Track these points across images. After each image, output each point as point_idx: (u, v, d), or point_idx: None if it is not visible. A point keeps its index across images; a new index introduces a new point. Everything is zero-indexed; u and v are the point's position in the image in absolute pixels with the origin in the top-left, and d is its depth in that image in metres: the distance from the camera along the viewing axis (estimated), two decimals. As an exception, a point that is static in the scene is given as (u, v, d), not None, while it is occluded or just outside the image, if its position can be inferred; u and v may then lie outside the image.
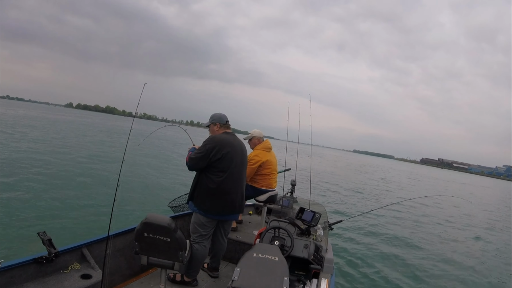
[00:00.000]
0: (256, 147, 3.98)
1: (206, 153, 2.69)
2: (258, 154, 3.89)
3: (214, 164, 2.70)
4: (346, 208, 11.51)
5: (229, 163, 2.74)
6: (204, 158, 2.69)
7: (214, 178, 2.71)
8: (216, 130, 2.91)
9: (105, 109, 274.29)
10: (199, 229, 2.78)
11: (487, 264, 7.19)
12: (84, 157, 13.73)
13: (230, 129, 3.00)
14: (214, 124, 2.92)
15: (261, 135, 4.05)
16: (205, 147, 2.71)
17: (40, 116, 44.23)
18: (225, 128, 2.94)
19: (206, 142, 2.76)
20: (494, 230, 11.47)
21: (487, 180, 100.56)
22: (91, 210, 6.63)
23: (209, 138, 2.79)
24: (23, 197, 6.82)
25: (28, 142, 15.02)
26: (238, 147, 2.88)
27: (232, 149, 2.78)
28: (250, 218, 4.58)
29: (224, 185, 2.73)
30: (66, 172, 10.26)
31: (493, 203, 23.21)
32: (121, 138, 25.51)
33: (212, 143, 2.73)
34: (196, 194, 2.77)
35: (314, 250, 2.78)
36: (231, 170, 2.76)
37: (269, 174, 3.98)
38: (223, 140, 2.77)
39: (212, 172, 2.72)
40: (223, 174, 2.72)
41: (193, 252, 2.74)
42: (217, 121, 2.92)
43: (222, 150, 2.71)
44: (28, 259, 2.24)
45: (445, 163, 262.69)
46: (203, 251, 2.79)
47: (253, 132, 4.03)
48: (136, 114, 2.83)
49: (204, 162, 2.69)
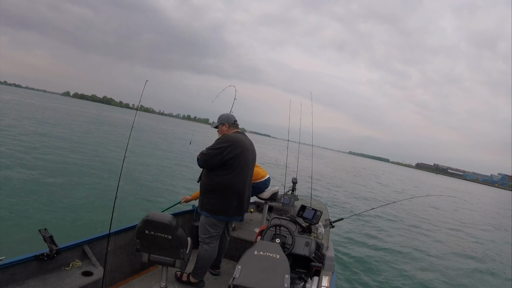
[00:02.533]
0: None
1: (220, 150, 2.63)
2: None
3: (227, 163, 2.64)
4: (348, 206, 11.52)
5: (241, 162, 2.70)
6: (218, 155, 2.62)
7: (226, 178, 2.65)
8: (225, 130, 2.86)
9: (102, 99, 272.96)
10: (210, 229, 2.74)
11: (488, 264, 7.19)
12: (85, 152, 13.73)
13: (239, 128, 2.94)
14: (223, 124, 2.87)
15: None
16: (219, 144, 2.66)
17: (37, 104, 44.12)
18: (234, 127, 2.89)
19: (219, 140, 2.71)
20: (499, 231, 11.43)
21: (483, 188, 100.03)
22: (93, 208, 6.64)
23: (223, 137, 2.74)
24: (24, 194, 6.83)
25: (28, 135, 15.03)
26: (250, 147, 2.86)
27: (244, 148, 2.75)
28: (251, 216, 4.57)
29: (236, 185, 2.70)
30: (68, 169, 10.27)
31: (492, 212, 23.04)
32: (121, 131, 25.39)
33: (227, 141, 2.67)
34: (206, 198, 2.71)
35: (315, 248, 2.78)
36: (243, 170, 2.73)
37: None
38: (237, 139, 2.73)
39: (224, 171, 2.66)
40: (235, 174, 2.68)
41: (202, 253, 2.72)
42: (225, 121, 2.87)
43: (236, 150, 2.66)
44: (29, 256, 2.24)
45: (440, 168, 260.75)
46: (213, 251, 2.76)
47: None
48: (138, 108, 2.81)
49: (217, 159, 2.63)
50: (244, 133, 2.95)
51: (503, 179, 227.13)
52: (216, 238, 2.78)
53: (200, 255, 2.75)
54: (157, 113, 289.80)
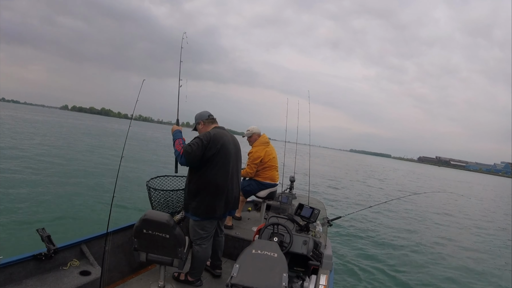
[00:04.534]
0: (254, 143, 4.09)
1: (202, 143, 2.55)
2: (258, 150, 4.02)
3: (210, 159, 2.58)
4: (346, 204, 11.56)
5: (223, 157, 2.65)
6: (199, 154, 2.53)
7: (210, 174, 2.59)
8: (203, 129, 2.81)
9: (100, 111, 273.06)
10: (200, 231, 2.68)
11: (489, 262, 7.22)
12: (83, 155, 13.71)
13: (217, 123, 2.88)
14: (198, 123, 2.84)
15: (259, 131, 4.16)
16: (199, 139, 2.58)
17: (40, 119, 44.01)
18: (211, 122, 2.83)
19: (199, 136, 2.64)
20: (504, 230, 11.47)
21: (487, 178, 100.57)
22: (90, 207, 6.63)
23: (201, 134, 2.67)
24: (22, 194, 6.82)
25: (27, 141, 14.98)
26: (232, 141, 2.79)
27: (225, 142, 2.69)
28: (249, 214, 4.58)
29: (220, 181, 2.63)
30: (65, 169, 10.25)
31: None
32: (120, 138, 25.42)
33: (205, 137, 2.60)
34: (193, 202, 2.63)
35: (313, 246, 2.79)
36: (225, 165, 2.67)
37: (270, 167, 4.10)
38: (216, 134, 2.65)
39: (206, 168, 2.60)
40: (217, 169, 2.61)
41: (195, 253, 2.71)
42: (199, 119, 2.83)
43: (216, 145, 2.60)
44: (27, 255, 2.23)
45: (443, 161, 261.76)
46: (205, 252, 2.73)
47: (252, 129, 4.12)
48: (134, 112, 2.75)
49: (200, 150, 2.53)
50: (224, 127, 2.86)
51: (506, 167, 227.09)
52: (207, 239, 2.73)
53: (194, 255, 2.73)
54: (156, 122, 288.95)
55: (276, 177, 4.18)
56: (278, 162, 4.28)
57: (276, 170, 4.19)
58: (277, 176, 4.22)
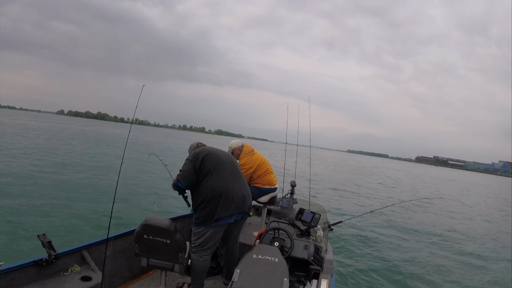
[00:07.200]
0: (240, 156, 4.05)
1: (190, 163, 2.70)
2: (246, 162, 3.99)
3: (200, 172, 2.69)
4: (346, 208, 11.51)
5: (212, 163, 2.71)
6: (191, 169, 2.68)
7: (206, 183, 2.65)
8: None
9: (97, 115, 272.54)
10: (198, 239, 2.63)
11: (490, 263, 7.18)
12: (83, 161, 13.73)
13: (204, 144, 3.09)
14: (190, 153, 3.00)
15: (239, 144, 4.14)
16: (186, 159, 2.77)
17: (37, 125, 44.09)
18: (198, 148, 3.00)
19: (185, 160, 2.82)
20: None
21: (485, 177, 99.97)
22: (91, 212, 6.62)
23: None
24: (23, 200, 6.81)
25: (26, 147, 15.02)
26: (217, 150, 2.91)
27: (211, 151, 2.81)
28: (250, 219, 4.56)
29: (215, 186, 2.63)
30: (66, 175, 10.26)
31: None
32: (118, 144, 25.42)
33: (190, 155, 2.81)
34: (196, 212, 2.67)
35: (314, 251, 2.79)
36: (219, 168, 2.71)
37: (265, 172, 4.06)
38: (199, 150, 2.83)
39: (201, 179, 2.68)
40: (211, 175, 2.67)
41: (191, 262, 2.62)
42: (191, 149, 3.04)
43: (200, 156, 2.72)
44: (28, 261, 2.24)
45: (441, 160, 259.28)
46: (202, 263, 2.62)
47: (231, 145, 4.11)
48: (133, 117, 2.79)
49: (193, 173, 2.68)
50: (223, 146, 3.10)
51: (504, 166, 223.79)
52: (207, 251, 2.64)
53: (191, 264, 2.65)
54: (153, 125, 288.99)
55: (273, 180, 4.13)
56: (277, 165, 4.26)
57: (271, 172, 4.13)
58: (274, 178, 4.16)
